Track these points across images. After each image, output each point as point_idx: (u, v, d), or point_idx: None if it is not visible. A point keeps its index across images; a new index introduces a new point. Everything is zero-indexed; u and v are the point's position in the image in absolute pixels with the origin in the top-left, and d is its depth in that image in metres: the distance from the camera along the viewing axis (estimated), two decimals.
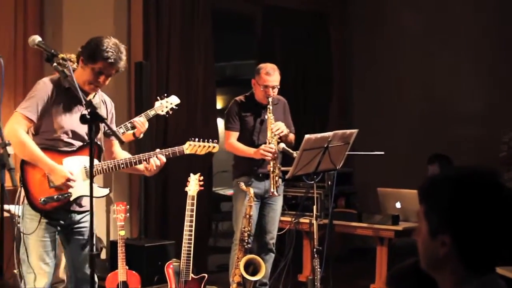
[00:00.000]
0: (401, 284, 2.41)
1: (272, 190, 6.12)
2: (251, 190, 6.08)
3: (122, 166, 4.61)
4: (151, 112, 5.86)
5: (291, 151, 6.04)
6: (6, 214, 5.69)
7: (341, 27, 10.03)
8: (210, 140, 5.06)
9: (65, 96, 4.44)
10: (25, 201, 4.45)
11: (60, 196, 4.41)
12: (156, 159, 4.68)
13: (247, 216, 6.06)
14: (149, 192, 7.98)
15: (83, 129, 4.46)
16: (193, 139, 4.99)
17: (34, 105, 4.36)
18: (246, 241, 6.05)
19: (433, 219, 2.20)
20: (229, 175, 6.81)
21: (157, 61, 8.12)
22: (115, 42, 4.44)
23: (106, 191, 4.67)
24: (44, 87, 4.40)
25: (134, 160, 4.63)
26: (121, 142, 4.04)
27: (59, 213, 4.51)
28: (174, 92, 6.65)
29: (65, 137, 4.47)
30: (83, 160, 4.50)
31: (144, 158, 4.63)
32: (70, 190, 4.43)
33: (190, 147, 4.96)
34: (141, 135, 5.81)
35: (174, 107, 5.95)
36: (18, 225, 4.50)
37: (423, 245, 2.25)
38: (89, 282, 4.33)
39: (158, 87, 7.92)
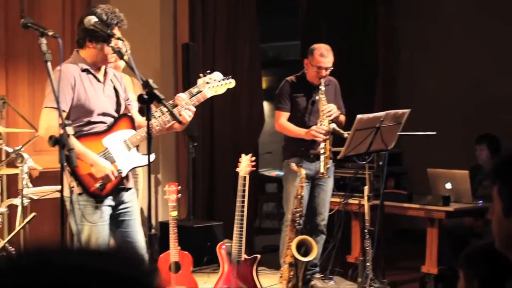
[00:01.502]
0: (477, 265, 2.37)
1: (322, 171, 6.09)
2: (303, 171, 6.04)
3: (158, 127, 4.59)
4: (194, 90, 5.79)
5: (341, 131, 5.99)
6: (58, 195, 5.78)
7: (388, 10, 9.89)
8: (225, 78, 5.11)
9: (86, 79, 4.47)
10: (76, 191, 4.41)
11: (112, 177, 4.42)
12: (187, 111, 4.65)
13: (299, 196, 6.03)
14: (197, 173, 8.00)
15: (110, 106, 4.54)
16: (204, 74, 5.07)
17: (63, 97, 4.25)
18: (298, 221, 6.02)
19: (507, 198, 2.16)
20: (273, 156, 6.79)
21: (203, 42, 8.11)
22: (106, 7, 4.45)
23: (152, 156, 4.64)
24: (64, 76, 4.30)
25: (167, 118, 4.60)
26: (179, 121, 4.02)
27: (115, 193, 4.52)
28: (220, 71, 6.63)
29: (97, 119, 4.48)
30: (120, 134, 4.53)
31: (170, 112, 4.55)
32: (119, 167, 4.44)
33: (210, 89, 4.98)
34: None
35: (221, 92, 5.92)
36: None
37: (498, 224, 2.21)
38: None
39: (204, 68, 7.90)
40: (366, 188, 5.93)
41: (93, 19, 4.21)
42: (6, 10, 6.99)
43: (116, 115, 4.57)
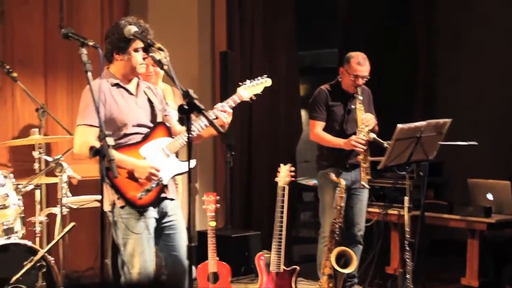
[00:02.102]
0: None
1: (362, 183, 6.02)
2: (342, 181, 5.96)
3: (196, 133, 4.55)
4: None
5: (381, 141, 5.91)
6: (98, 204, 5.78)
7: (427, 16, 9.79)
8: (260, 77, 5.05)
9: (117, 92, 4.47)
10: (118, 205, 4.41)
11: (153, 185, 4.41)
12: (223, 113, 4.62)
13: (338, 207, 5.95)
14: (234, 183, 7.97)
15: (145, 118, 4.54)
16: (244, 83, 4.96)
17: (94, 112, 4.14)
18: (337, 232, 5.95)
19: None
20: (310, 165, 6.71)
21: (240, 50, 8.10)
22: (130, 19, 4.43)
23: (193, 162, 4.61)
24: (95, 92, 4.21)
25: (204, 123, 4.56)
26: (220, 132, 4.00)
27: (158, 203, 4.50)
28: None
29: (132, 130, 4.48)
30: (157, 143, 4.52)
31: (214, 118, 4.54)
32: (159, 175, 4.42)
33: (246, 90, 4.91)
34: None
35: (259, 92, 5.87)
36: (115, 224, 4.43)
37: None
38: (186, 273, 4.35)
39: (241, 76, 7.89)
40: (406, 199, 5.83)
41: (133, 28, 4.20)
42: (46, 20, 7.04)
43: (152, 125, 4.56)
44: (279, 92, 8.37)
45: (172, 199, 4.61)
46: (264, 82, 5.05)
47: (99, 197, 5.70)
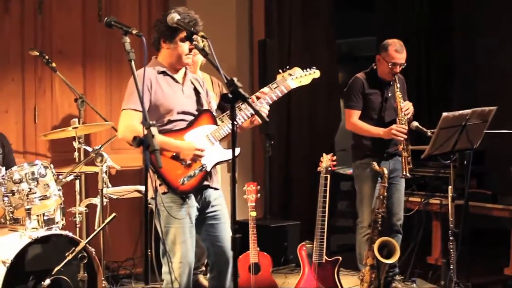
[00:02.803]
0: None
1: (404, 172, 5.94)
2: (385, 170, 5.88)
3: (241, 122, 4.57)
4: (273, 86, 5.71)
5: (425, 129, 5.82)
6: (138, 194, 5.76)
7: (466, 2, 9.66)
8: (309, 68, 5.05)
9: (163, 80, 4.46)
10: (160, 190, 4.37)
11: (196, 171, 4.39)
12: (263, 109, 4.64)
13: (381, 197, 5.88)
14: (273, 172, 7.92)
15: (190, 106, 4.52)
16: (285, 71, 4.98)
17: (137, 97, 4.24)
18: (380, 222, 5.87)
19: None
20: (347, 154, 6.63)
21: (278, 39, 8.04)
22: (181, 9, 4.40)
23: (237, 150, 4.56)
24: (140, 79, 4.19)
25: (247, 115, 4.58)
26: (265, 122, 3.94)
27: (200, 191, 4.47)
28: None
29: (177, 117, 4.46)
30: (201, 130, 4.50)
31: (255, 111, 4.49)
32: (203, 161, 4.40)
33: (294, 81, 4.91)
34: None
35: (306, 83, 5.80)
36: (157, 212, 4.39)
37: None
38: (229, 264, 4.49)
39: (280, 65, 7.83)
40: (450, 188, 5.72)
41: (176, 16, 4.16)
42: (84, 10, 7.03)
43: (196, 113, 4.54)
44: (317, 81, 8.27)
45: (216, 189, 4.58)
46: (313, 73, 5.04)
47: (139, 187, 5.72)
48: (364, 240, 6.17)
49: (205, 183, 4.50)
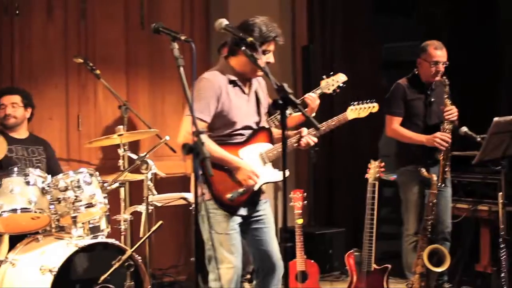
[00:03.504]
0: None
1: (439, 183, 5.84)
2: (434, 177, 5.78)
3: (290, 147, 4.57)
4: (317, 91, 5.69)
5: (474, 135, 5.71)
6: (183, 202, 5.72)
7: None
8: (369, 100, 5.09)
9: (232, 91, 4.39)
10: (206, 197, 4.33)
11: (245, 189, 4.34)
12: (309, 140, 4.58)
13: (430, 204, 5.77)
14: (317, 179, 7.85)
15: (251, 119, 4.48)
16: (353, 103, 5.02)
17: (206, 106, 4.26)
18: (429, 230, 5.76)
19: None
20: (390, 160, 6.54)
21: (321, 45, 7.98)
22: (265, 19, 4.40)
23: (286, 173, 4.54)
24: (211, 86, 4.30)
25: (293, 141, 4.57)
26: (317, 128, 3.87)
27: (245, 206, 4.44)
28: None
29: (238, 130, 4.42)
30: (256, 147, 4.46)
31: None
32: None
33: (352, 112, 4.98)
34: (313, 114, 5.58)
35: (341, 84, 5.74)
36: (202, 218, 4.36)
37: None
38: (274, 269, 4.49)
39: (323, 71, 7.76)
40: (500, 194, 5.59)
41: (223, 22, 4.08)
42: (126, 17, 7.04)
43: (255, 127, 4.50)
44: (360, 87, 8.21)
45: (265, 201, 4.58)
46: (372, 107, 5.10)
47: (184, 194, 5.68)
48: (411, 248, 6.10)
49: (255, 199, 4.49)
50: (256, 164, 4.41)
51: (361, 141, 8.34)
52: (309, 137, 4.56)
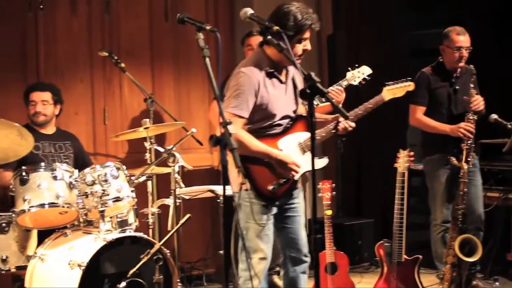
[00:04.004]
0: None
1: (462, 177, 5.77)
2: (465, 166, 5.71)
3: (325, 136, 4.55)
4: (343, 83, 5.67)
5: (504, 122, 5.65)
6: (210, 194, 5.68)
7: None
8: (404, 79, 5.05)
9: (270, 83, 4.35)
10: (245, 187, 4.30)
11: (286, 180, 4.31)
12: (347, 124, 4.57)
13: (461, 193, 5.70)
14: (344, 169, 7.79)
15: (289, 108, 4.43)
16: (388, 83, 4.97)
17: (244, 102, 4.23)
18: (460, 219, 5.69)
19: None
20: (418, 149, 6.48)
21: (347, 33, 7.91)
22: (301, 6, 4.34)
23: (325, 161, 4.56)
24: (249, 80, 4.25)
25: (331, 127, 4.54)
26: (345, 117, 3.82)
27: (282, 196, 4.41)
28: (366, 63, 6.42)
29: (276, 121, 4.38)
30: (295, 137, 4.42)
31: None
32: None
33: (388, 92, 4.94)
34: (340, 105, 5.53)
35: (367, 77, 5.73)
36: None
37: None
38: (301, 257, 4.50)
39: (348, 60, 7.71)
40: None
41: (249, 11, 4.03)
42: (150, 10, 7.01)
43: (293, 115, 4.45)
44: (387, 75, 8.11)
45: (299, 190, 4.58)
46: (408, 86, 5.07)
47: (212, 187, 5.64)
48: (439, 238, 6.08)
49: (295, 186, 4.48)
50: (295, 153, 4.37)
51: (389, 130, 8.26)
52: (347, 122, 4.53)
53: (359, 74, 5.70)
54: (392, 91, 4.94)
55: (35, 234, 5.26)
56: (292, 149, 4.36)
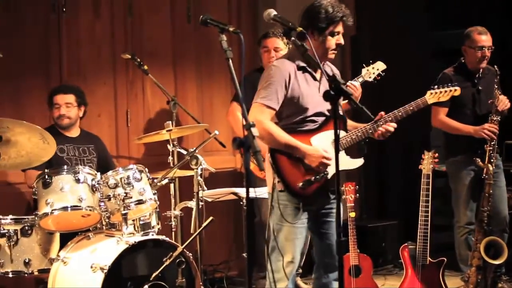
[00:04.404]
0: None
1: (485, 176, 5.73)
2: (490, 167, 5.66)
3: (361, 136, 4.47)
4: (359, 79, 5.64)
5: None
6: (233, 197, 5.65)
7: None
8: (450, 84, 4.96)
9: (302, 77, 4.32)
10: (277, 188, 4.27)
11: (317, 177, 4.24)
12: (388, 126, 4.50)
13: (486, 194, 5.65)
14: (367, 171, 7.75)
15: (324, 105, 4.33)
16: (432, 87, 4.92)
17: (274, 93, 4.21)
18: (486, 221, 5.63)
19: None
20: (441, 150, 6.44)
21: (369, 34, 7.88)
22: (332, 1, 4.38)
23: (360, 161, 4.49)
24: (279, 72, 4.25)
25: (370, 130, 4.49)
26: (371, 118, 3.78)
27: (318, 197, 4.34)
28: (388, 64, 6.38)
29: (309, 117, 4.34)
30: (329, 134, 4.32)
31: (381, 124, 4.45)
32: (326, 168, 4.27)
33: (432, 96, 4.87)
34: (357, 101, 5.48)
35: (381, 73, 5.73)
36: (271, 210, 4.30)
37: None
38: (335, 266, 4.34)
39: (370, 58, 7.68)
40: None
41: (272, 12, 4.03)
42: (173, 12, 7.01)
43: (328, 114, 4.39)
44: (410, 76, 8.09)
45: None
46: (453, 91, 4.96)
47: (235, 189, 5.60)
48: (463, 240, 6.07)
49: (330, 188, 4.37)
50: (329, 151, 4.29)
51: (412, 131, 8.20)
52: (388, 125, 4.49)
53: (373, 70, 5.70)
54: (436, 95, 4.88)
55: (58, 237, 5.25)
56: (325, 147, 4.28)
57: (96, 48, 6.63)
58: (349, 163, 4.43)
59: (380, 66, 5.71)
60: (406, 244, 5.56)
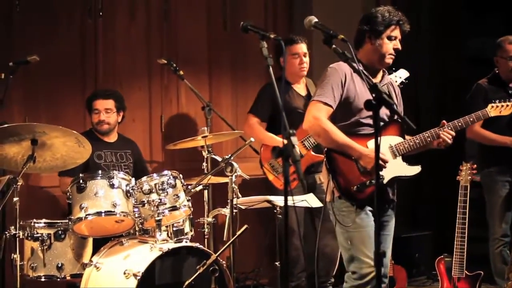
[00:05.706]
0: None
1: None
2: None
3: (419, 143, 4.43)
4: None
5: None
6: (266, 204, 5.60)
7: None
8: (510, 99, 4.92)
9: (358, 79, 4.31)
10: (336, 194, 4.26)
11: (372, 181, 4.19)
12: (447, 134, 4.44)
13: None
14: (400, 180, 7.65)
15: (382, 109, 4.25)
16: (494, 101, 4.87)
17: (329, 91, 4.25)
18: None
19: None
20: (476, 161, 6.35)
21: (403, 42, 7.78)
22: (390, 7, 4.43)
23: (417, 168, 4.44)
24: (335, 72, 4.30)
25: (429, 138, 4.45)
26: (412, 129, 3.73)
27: (372, 202, 4.27)
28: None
29: (365, 120, 4.33)
30: (387, 139, 4.32)
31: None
32: (381, 172, 4.22)
33: (493, 109, 4.82)
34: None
35: (404, 80, 5.67)
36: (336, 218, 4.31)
37: None
38: (382, 283, 4.39)
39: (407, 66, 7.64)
40: None
41: (313, 19, 3.97)
42: (209, 18, 7.01)
43: (386, 119, 4.39)
44: (445, 85, 8.03)
45: (392, 201, 4.48)
46: None
47: (270, 197, 5.55)
48: (498, 252, 6.00)
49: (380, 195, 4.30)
50: (385, 155, 4.28)
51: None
52: (447, 132, 4.46)
53: (396, 78, 5.61)
54: (498, 108, 4.83)
55: (91, 242, 5.24)
56: (382, 151, 4.20)
57: (132, 53, 6.64)
58: (406, 169, 4.41)
59: (402, 73, 5.67)
60: (442, 256, 5.50)
